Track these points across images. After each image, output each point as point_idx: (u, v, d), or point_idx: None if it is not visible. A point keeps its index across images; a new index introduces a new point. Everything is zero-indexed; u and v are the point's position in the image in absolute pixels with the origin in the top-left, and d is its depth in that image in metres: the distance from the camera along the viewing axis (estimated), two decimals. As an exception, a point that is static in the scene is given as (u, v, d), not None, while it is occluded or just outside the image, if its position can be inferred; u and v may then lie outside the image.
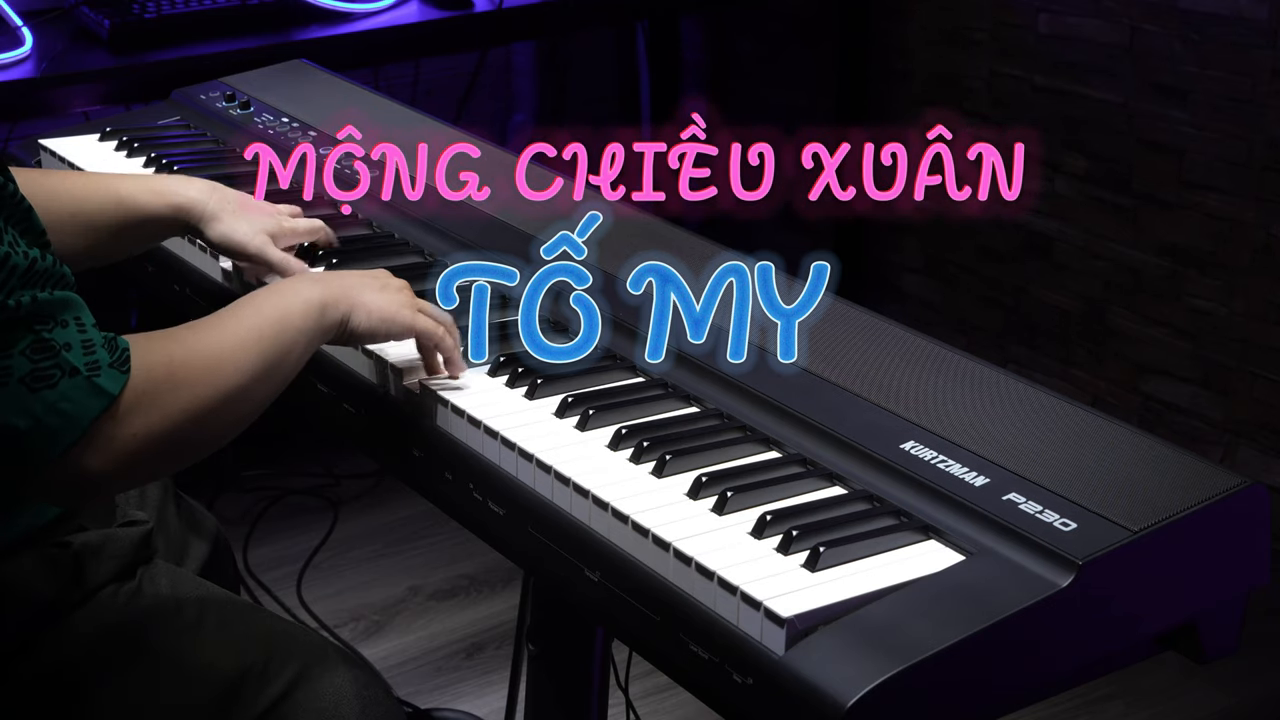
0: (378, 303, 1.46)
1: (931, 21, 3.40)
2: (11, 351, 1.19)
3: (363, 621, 2.82)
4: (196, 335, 1.33)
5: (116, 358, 1.24)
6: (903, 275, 3.60)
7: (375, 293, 1.46)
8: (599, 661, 1.77)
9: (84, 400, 1.21)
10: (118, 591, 1.49)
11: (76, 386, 1.21)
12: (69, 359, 1.21)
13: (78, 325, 1.23)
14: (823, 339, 1.47)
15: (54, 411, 1.20)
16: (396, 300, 1.47)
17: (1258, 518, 1.24)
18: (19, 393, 1.19)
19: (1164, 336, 3.05)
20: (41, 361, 1.20)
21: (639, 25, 3.77)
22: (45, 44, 2.73)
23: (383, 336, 1.47)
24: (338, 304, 1.44)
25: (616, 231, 1.73)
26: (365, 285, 1.47)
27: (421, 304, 1.49)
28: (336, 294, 1.44)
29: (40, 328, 1.21)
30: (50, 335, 1.21)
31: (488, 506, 1.38)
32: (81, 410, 1.21)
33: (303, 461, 3.25)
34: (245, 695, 1.48)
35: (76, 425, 1.21)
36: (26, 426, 1.19)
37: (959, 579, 1.18)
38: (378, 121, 2.08)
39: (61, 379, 1.20)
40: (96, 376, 1.22)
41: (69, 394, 1.20)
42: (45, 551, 1.45)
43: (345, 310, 1.44)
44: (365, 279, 1.49)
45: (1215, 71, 2.87)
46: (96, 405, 1.22)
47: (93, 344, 1.23)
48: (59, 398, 1.20)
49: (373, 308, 1.45)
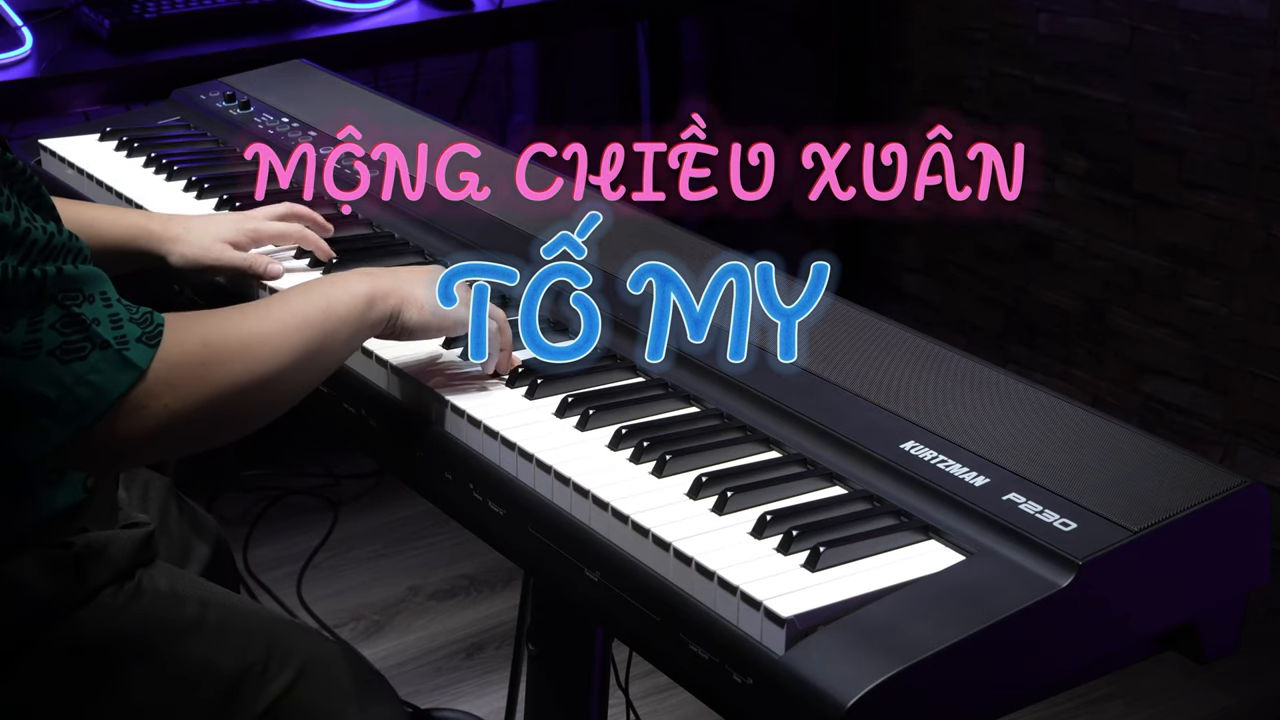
0: (430, 297, 1.44)
1: (931, 21, 3.40)
2: (40, 325, 1.21)
3: (363, 621, 2.82)
4: (237, 316, 1.35)
5: (147, 331, 1.26)
6: (903, 275, 3.60)
7: (427, 287, 1.45)
8: (599, 661, 1.77)
9: (113, 373, 1.23)
10: (118, 591, 1.49)
11: (107, 359, 1.23)
12: (99, 332, 1.23)
13: (104, 300, 1.25)
14: (823, 339, 1.47)
15: (84, 383, 1.22)
16: None
17: (1258, 518, 1.24)
18: (49, 364, 1.21)
19: (1164, 336, 3.05)
20: (71, 335, 1.22)
21: (639, 25, 3.77)
22: (45, 44, 2.73)
23: (435, 332, 1.47)
24: (387, 298, 1.43)
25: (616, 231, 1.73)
26: (416, 280, 1.46)
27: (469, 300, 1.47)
28: (387, 288, 1.43)
29: (69, 302, 1.23)
30: (79, 310, 1.23)
31: (488, 506, 1.38)
32: (111, 382, 1.23)
33: (303, 461, 3.25)
34: (245, 694, 1.48)
35: (105, 397, 1.23)
36: (56, 396, 1.22)
37: (959, 579, 1.18)
38: (378, 121, 2.08)
39: (92, 351, 1.23)
40: (125, 350, 1.24)
41: (99, 366, 1.23)
42: (47, 552, 1.45)
43: (395, 304, 1.43)
44: (417, 273, 1.47)
45: (1215, 71, 2.87)
46: (126, 378, 1.24)
47: (120, 318, 1.25)
48: (89, 369, 1.22)
49: (425, 302, 1.44)
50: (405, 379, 1.49)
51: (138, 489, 1.74)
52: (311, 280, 1.47)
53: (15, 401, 1.22)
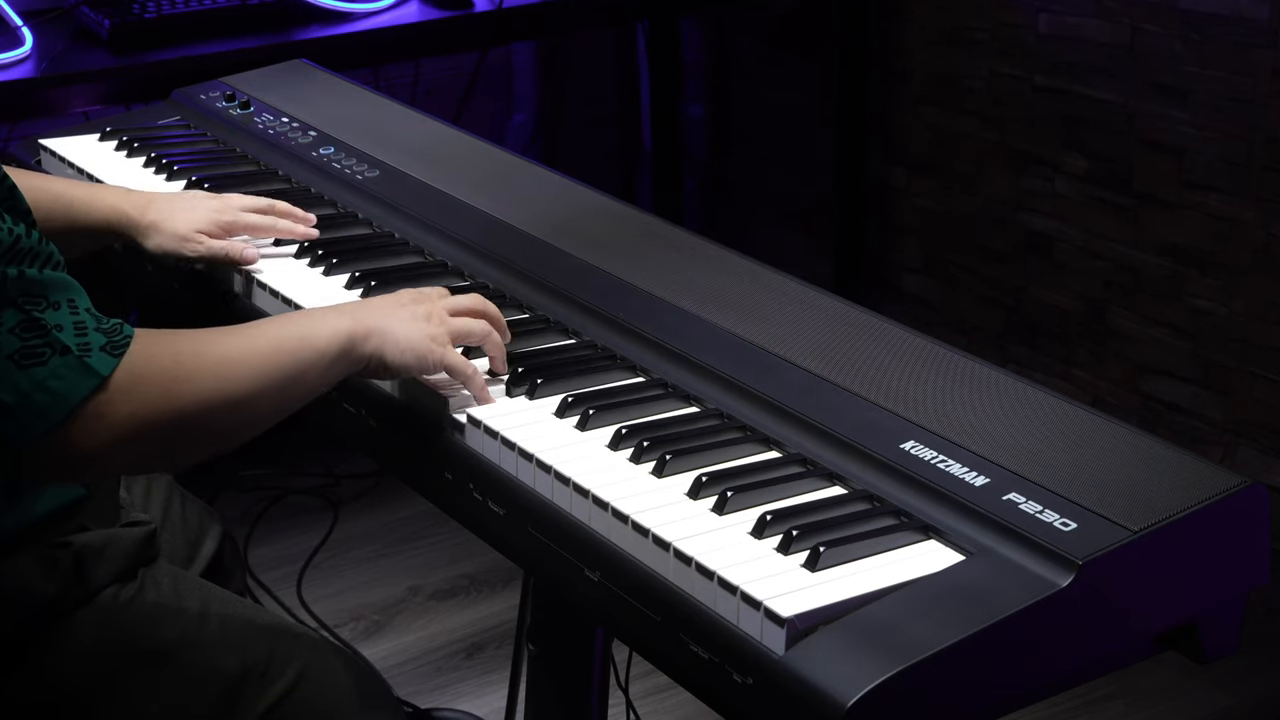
0: (409, 339, 1.42)
1: (931, 21, 3.40)
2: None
3: (363, 621, 2.82)
4: (212, 336, 1.34)
5: (113, 341, 1.24)
6: (903, 275, 3.60)
7: (407, 325, 1.43)
8: (599, 661, 1.77)
9: (74, 379, 1.21)
10: (119, 592, 1.49)
11: (67, 365, 1.21)
12: (60, 338, 1.22)
13: (70, 307, 1.24)
14: (823, 339, 1.47)
15: (42, 388, 1.21)
16: (428, 333, 1.43)
17: (1258, 518, 1.24)
18: (7, 369, 1.20)
19: (1164, 336, 3.05)
20: (31, 339, 1.21)
21: (639, 25, 3.77)
22: (45, 44, 2.73)
23: (415, 372, 1.44)
24: (367, 340, 1.41)
25: (617, 231, 1.73)
26: (397, 319, 1.43)
27: (455, 327, 1.46)
28: (367, 328, 1.41)
29: (30, 306, 1.22)
30: (41, 315, 1.22)
31: (488, 506, 1.38)
32: (71, 388, 1.21)
33: (303, 461, 3.25)
34: (246, 695, 1.48)
35: (65, 403, 1.21)
36: (14, 402, 1.20)
37: (959, 579, 1.18)
38: (378, 121, 2.08)
39: (52, 357, 1.21)
40: (87, 357, 1.22)
41: (59, 372, 1.21)
42: (46, 551, 1.45)
43: (375, 347, 1.41)
44: (397, 310, 1.44)
45: (1215, 71, 2.87)
46: (86, 385, 1.22)
47: (85, 326, 1.24)
48: (49, 375, 1.21)
49: (404, 345, 1.42)
50: (405, 379, 1.49)
51: (140, 487, 1.74)
52: (294, 312, 1.47)
53: None
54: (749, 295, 1.56)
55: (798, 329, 1.49)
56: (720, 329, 1.50)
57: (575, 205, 1.80)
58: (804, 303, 1.54)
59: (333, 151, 2.00)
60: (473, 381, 1.44)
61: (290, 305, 1.63)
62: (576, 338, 1.56)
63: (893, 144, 3.52)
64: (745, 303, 1.54)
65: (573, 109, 3.87)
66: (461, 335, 1.46)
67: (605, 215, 1.77)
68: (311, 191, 1.92)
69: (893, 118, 3.51)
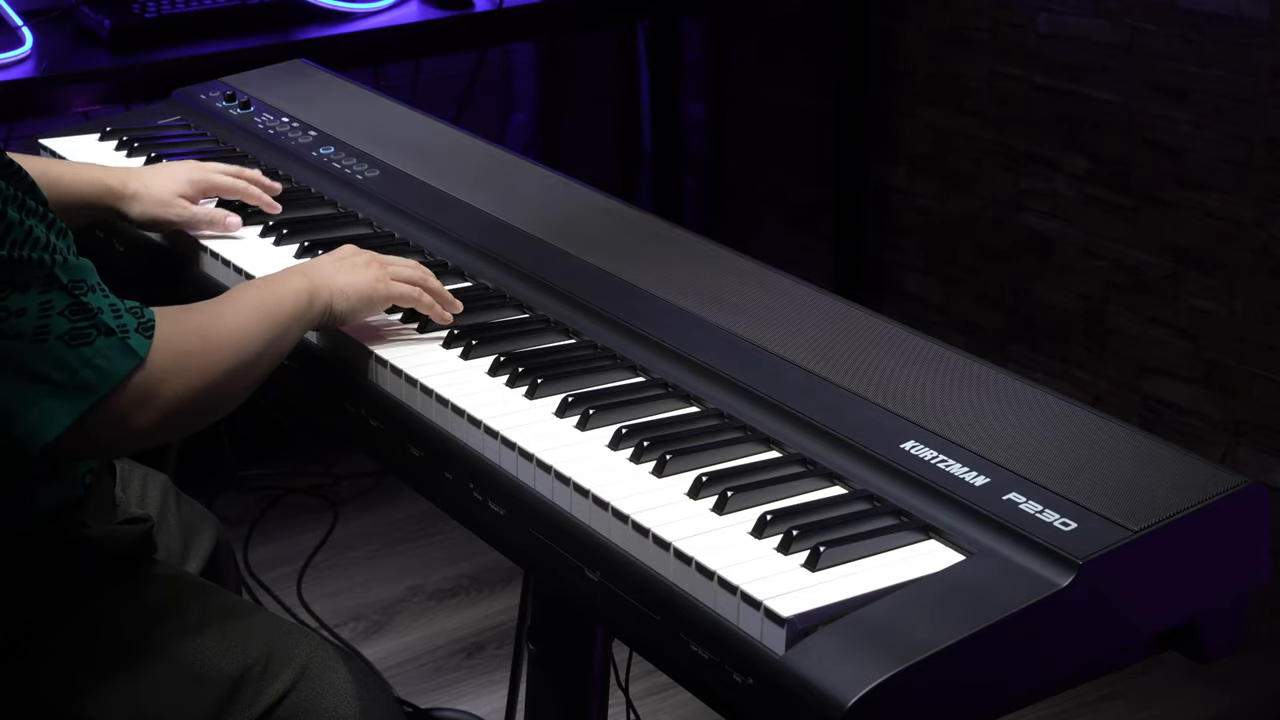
0: (353, 283, 1.55)
1: (931, 21, 3.40)
2: (50, 311, 1.28)
3: (363, 621, 2.82)
4: (214, 310, 1.45)
5: (142, 323, 1.34)
6: (903, 275, 3.60)
7: (348, 274, 1.55)
8: (599, 661, 1.77)
9: (117, 358, 1.30)
10: (119, 589, 1.50)
11: (111, 345, 1.30)
12: (104, 320, 1.31)
13: (102, 291, 1.33)
14: (823, 339, 1.47)
15: (90, 366, 1.29)
16: (369, 276, 1.56)
17: (1258, 517, 1.24)
18: (57, 348, 1.28)
19: (1164, 336, 3.05)
20: (79, 321, 1.29)
21: (639, 25, 3.76)
22: (45, 44, 2.73)
23: (364, 315, 1.56)
24: (319, 293, 1.52)
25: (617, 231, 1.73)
26: (339, 269, 1.56)
27: (393, 267, 1.58)
28: (318, 283, 1.53)
29: (76, 291, 1.30)
30: (86, 299, 1.30)
31: (488, 506, 1.38)
32: (115, 367, 1.30)
33: (303, 461, 3.25)
34: (245, 695, 1.48)
35: (109, 380, 1.30)
36: (62, 379, 1.28)
37: (959, 579, 1.18)
38: (378, 121, 2.08)
39: (98, 338, 1.30)
40: (127, 338, 1.31)
41: (104, 351, 1.30)
42: (45, 548, 1.45)
43: (326, 299, 1.53)
44: (337, 263, 1.57)
45: (1215, 71, 2.87)
46: (128, 364, 1.31)
47: (119, 309, 1.33)
48: (95, 354, 1.29)
49: (349, 291, 1.54)
50: (406, 379, 1.49)
51: (135, 486, 1.74)
52: (259, 279, 1.57)
53: (23, 385, 1.27)
54: (749, 295, 1.56)
55: (798, 329, 1.49)
56: (720, 329, 1.50)
57: (575, 205, 1.80)
58: (804, 303, 1.54)
59: (333, 151, 2.00)
60: (421, 301, 1.56)
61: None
62: (576, 338, 1.56)
63: (893, 144, 3.51)
64: (745, 303, 1.54)
65: (573, 109, 3.86)
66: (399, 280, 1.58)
67: (605, 215, 1.77)
68: (311, 191, 1.92)
69: (893, 118, 3.51)
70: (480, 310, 1.62)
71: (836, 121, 3.51)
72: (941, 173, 3.42)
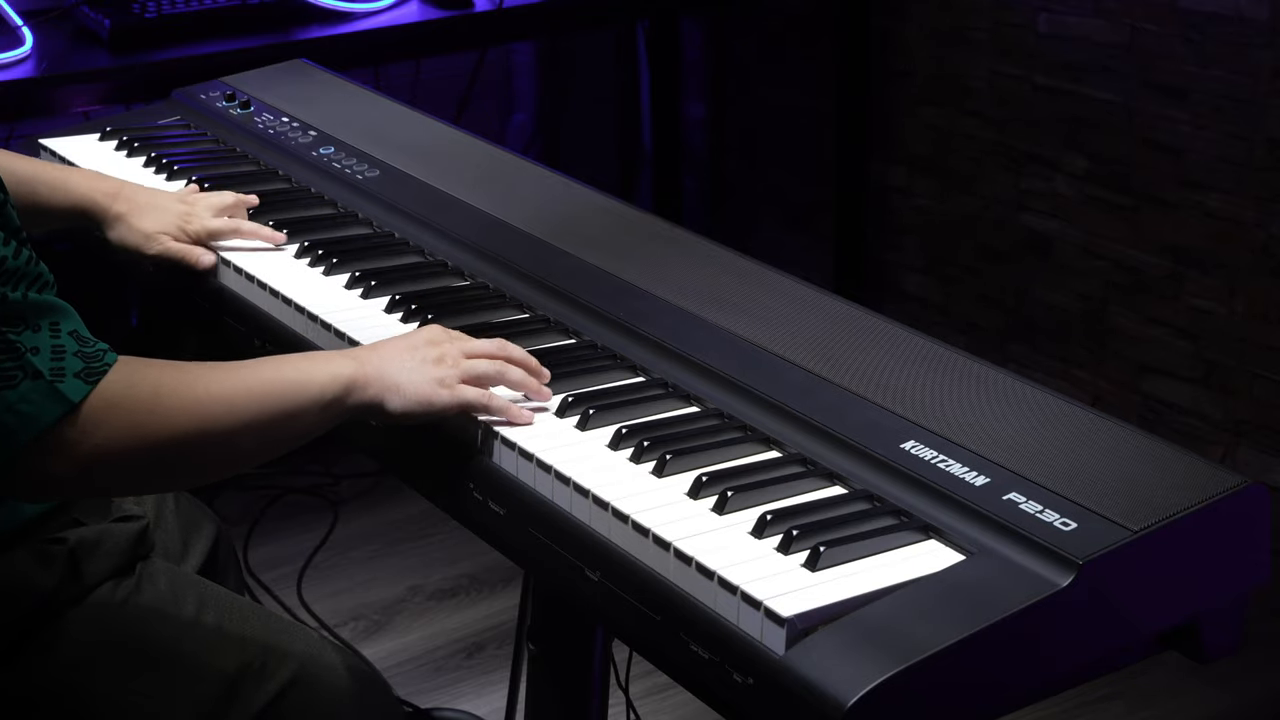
0: (413, 384, 1.38)
1: (931, 21, 3.40)
2: None
3: (363, 621, 2.82)
4: (199, 372, 1.32)
5: (90, 367, 1.25)
6: (903, 275, 3.60)
7: (412, 371, 1.38)
8: (599, 661, 1.77)
9: (42, 404, 1.22)
10: (116, 588, 1.49)
11: (38, 389, 1.22)
12: (33, 361, 1.22)
13: (52, 330, 1.25)
14: (823, 339, 1.47)
15: (11, 411, 1.21)
16: (432, 374, 1.39)
17: (1258, 517, 1.24)
18: None
19: (1164, 336, 3.05)
20: (4, 362, 1.21)
21: (639, 25, 3.76)
22: (45, 44, 2.73)
23: (420, 419, 1.40)
24: (367, 386, 1.37)
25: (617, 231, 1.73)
26: (401, 363, 1.39)
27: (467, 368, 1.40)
28: (369, 375, 1.37)
29: (6, 328, 1.22)
30: (17, 337, 1.22)
31: (488, 506, 1.38)
32: (40, 412, 1.22)
33: (302, 461, 3.25)
34: (244, 694, 1.48)
35: (33, 426, 1.22)
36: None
37: (959, 579, 1.18)
38: (378, 121, 2.08)
39: (23, 380, 1.22)
40: (59, 382, 1.23)
41: (28, 395, 1.22)
42: (40, 547, 1.45)
43: (376, 394, 1.37)
44: (404, 353, 1.40)
45: (1215, 71, 2.87)
46: (54, 411, 1.22)
47: (64, 350, 1.24)
48: (18, 398, 1.22)
49: (407, 390, 1.38)
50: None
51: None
52: (301, 353, 1.47)
53: None
54: (749, 295, 1.56)
55: (798, 329, 1.49)
56: (720, 329, 1.50)
57: (575, 205, 1.80)
58: (804, 303, 1.54)
59: (333, 151, 2.00)
60: (490, 407, 1.39)
61: (291, 305, 1.63)
62: (577, 338, 1.56)
63: (893, 144, 3.51)
64: (745, 303, 1.54)
65: (573, 109, 3.86)
66: (473, 378, 1.41)
67: (605, 215, 1.77)
68: (311, 191, 1.92)
69: (893, 118, 3.51)
70: (480, 310, 1.62)
71: (836, 121, 3.51)
72: (942, 173, 3.42)
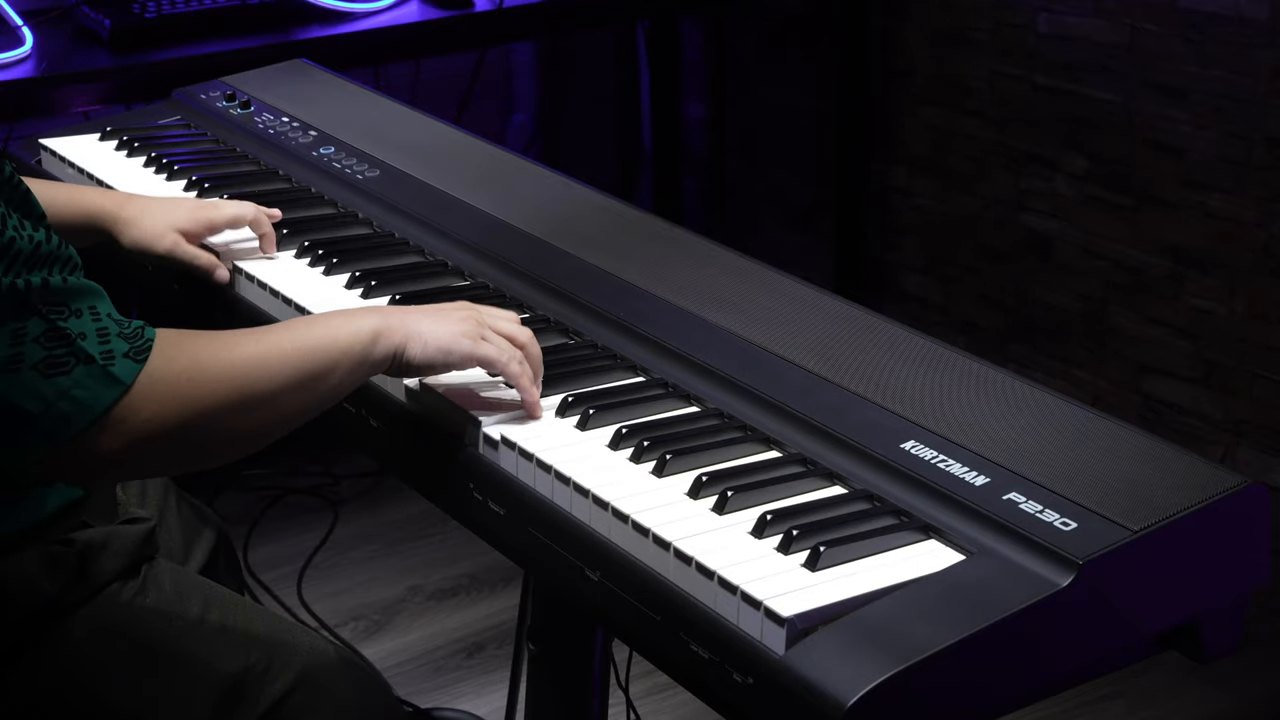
0: (435, 332, 1.40)
1: (931, 21, 3.40)
2: (24, 338, 1.21)
3: (363, 621, 2.82)
4: (233, 339, 1.34)
5: (136, 346, 1.25)
6: (903, 275, 3.60)
7: (433, 322, 1.41)
8: (599, 661, 1.77)
9: (97, 388, 1.23)
10: (122, 589, 1.50)
11: (91, 374, 1.23)
12: (84, 347, 1.23)
13: (92, 314, 1.25)
14: (823, 339, 1.47)
15: (66, 398, 1.22)
16: (455, 328, 1.41)
17: (1258, 517, 1.24)
18: (32, 378, 1.21)
19: (1164, 336, 3.05)
20: (55, 349, 1.22)
21: (639, 25, 3.77)
22: (45, 44, 2.73)
23: (441, 367, 1.42)
24: (391, 334, 1.39)
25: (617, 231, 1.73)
26: (423, 315, 1.42)
27: (494, 326, 1.43)
28: (393, 324, 1.39)
29: (54, 315, 1.23)
30: (65, 324, 1.23)
31: (488, 506, 1.38)
32: (95, 398, 1.23)
33: (303, 461, 3.25)
34: (248, 695, 1.48)
35: (88, 412, 1.23)
36: (38, 411, 1.21)
37: (959, 579, 1.18)
38: (378, 121, 2.08)
39: (76, 366, 1.22)
40: (111, 365, 1.23)
41: (83, 381, 1.22)
42: (48, 548, 1.45)
43: (399, 341, 1.39)
44: (426, 309, 1.44)
45: (1215, 71, 2.87)
46: (110, 394, 1.23)
47: (108, 333, 1.25)
48: (72, 384, 1.22)
49: (429, 337, 1.40)
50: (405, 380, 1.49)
51: (135, 486, 1.74)
52: (321, 313, 1.47)
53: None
54: (749, 295, 1.56)
55: (798, 329, 1.49)
56: (720, 329, 1.50)
57: (575, 205, 1.80)
58: (804, 303, 1.54)
59: (333, 151, 2.00)
60: (508, 369, 1.40)
61: (290, 305, 1.63)
62: (577, 338, 1.56)
63: (893, 144, 3.51)
64: (745, 303, 1.54)
65: (573, 109, 3.86)
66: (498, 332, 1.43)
67: (605, 215, 1.77)
68: (311, 191, 1.92)
69: (893, 118, 3.51)
70: (480, 310, 1.61)
71: (836, 121, 3.51)
72: (942, 173, 3.42)
